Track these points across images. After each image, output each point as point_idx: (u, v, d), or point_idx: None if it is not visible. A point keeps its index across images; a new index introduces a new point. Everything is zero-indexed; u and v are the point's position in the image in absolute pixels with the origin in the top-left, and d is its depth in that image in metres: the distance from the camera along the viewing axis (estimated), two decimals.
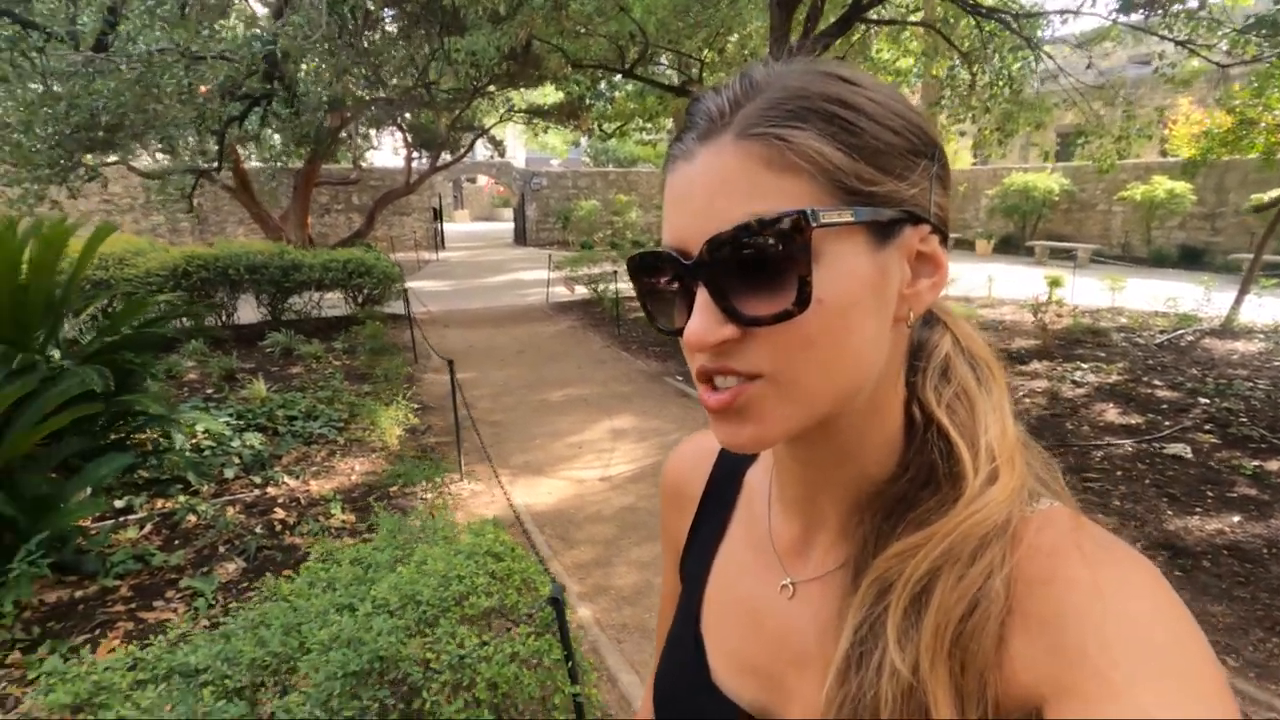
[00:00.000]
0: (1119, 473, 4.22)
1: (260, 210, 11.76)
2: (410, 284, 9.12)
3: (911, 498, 0.44)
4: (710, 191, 0.41)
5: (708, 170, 0.41)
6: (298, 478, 4.27)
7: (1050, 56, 8.52)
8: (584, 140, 22.96)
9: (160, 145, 6.43)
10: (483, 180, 30.09)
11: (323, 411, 5.31)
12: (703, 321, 0.41)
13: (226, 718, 1.50)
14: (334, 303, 8.83)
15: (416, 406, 5.57)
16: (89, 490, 3.33)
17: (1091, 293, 9.89)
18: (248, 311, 8.30)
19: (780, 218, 0.38)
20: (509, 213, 28.44)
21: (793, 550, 0.52)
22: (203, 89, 5.91)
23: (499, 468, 4.55)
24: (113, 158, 6.74)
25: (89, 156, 5.64)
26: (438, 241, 19.41)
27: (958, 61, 10.02)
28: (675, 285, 0.44)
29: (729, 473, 0.61)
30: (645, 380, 6.77)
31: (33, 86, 5.11)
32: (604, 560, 3.43)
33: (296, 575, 2.41)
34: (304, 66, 5.05)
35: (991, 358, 0.48)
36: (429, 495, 4.02)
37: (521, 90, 13.73)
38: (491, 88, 11.96)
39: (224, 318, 8.13)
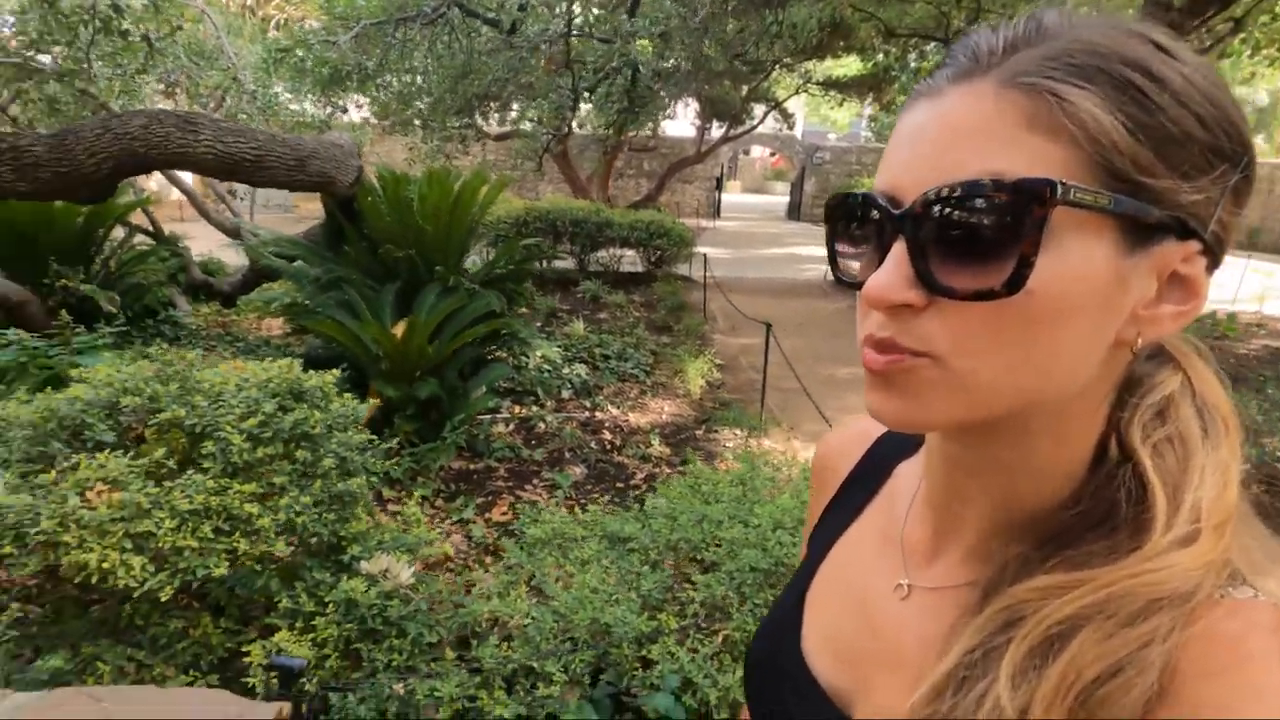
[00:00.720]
0: None
1: (573, 172, 13.25)
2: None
3: (1076, 534, 0.39)
4: (948, 137, 0.36)
5: (952, 113, 0.36)
6: (618, 408, 4.91)
7: None
8: (865, 114, 21.81)
9: (535, 110, 7.61)
10: (757, 152, 30.25)
11: (631, 354, 5.98)
12: (889, 277, 0.37)
13: (655, 578, 1.87)
14: (631, 260, 9.73)
15: (720, 363, 6.01)
16: (483, 389, 4.21)
17: None
18: (559, 261, 9.52)
19: (1020, 181, 0.33)
20: (780, 185, 28.29)
21: (920, 553, 0.50)
22: (545, 62, 6.85)
23: (792, 432, 4.74)
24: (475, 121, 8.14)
25: (478, 119, 6.85)
26: (715, 210, 20.14)
27: None
28: (871, 234, 0.40)
29: (881, 460, 0.59)
30: None
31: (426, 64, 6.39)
32: None
33: (643, 488, 2.84)
34: (652, 44, 5.64)
35: (1230, 412, 0.41)
36: (731, 443, 4.36)
37: (815, 62, 13.49)
38: (788, 59, 11.95)
39: (545, 264, 9.42)
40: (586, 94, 7.06)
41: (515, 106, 9.58)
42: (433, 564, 2.87)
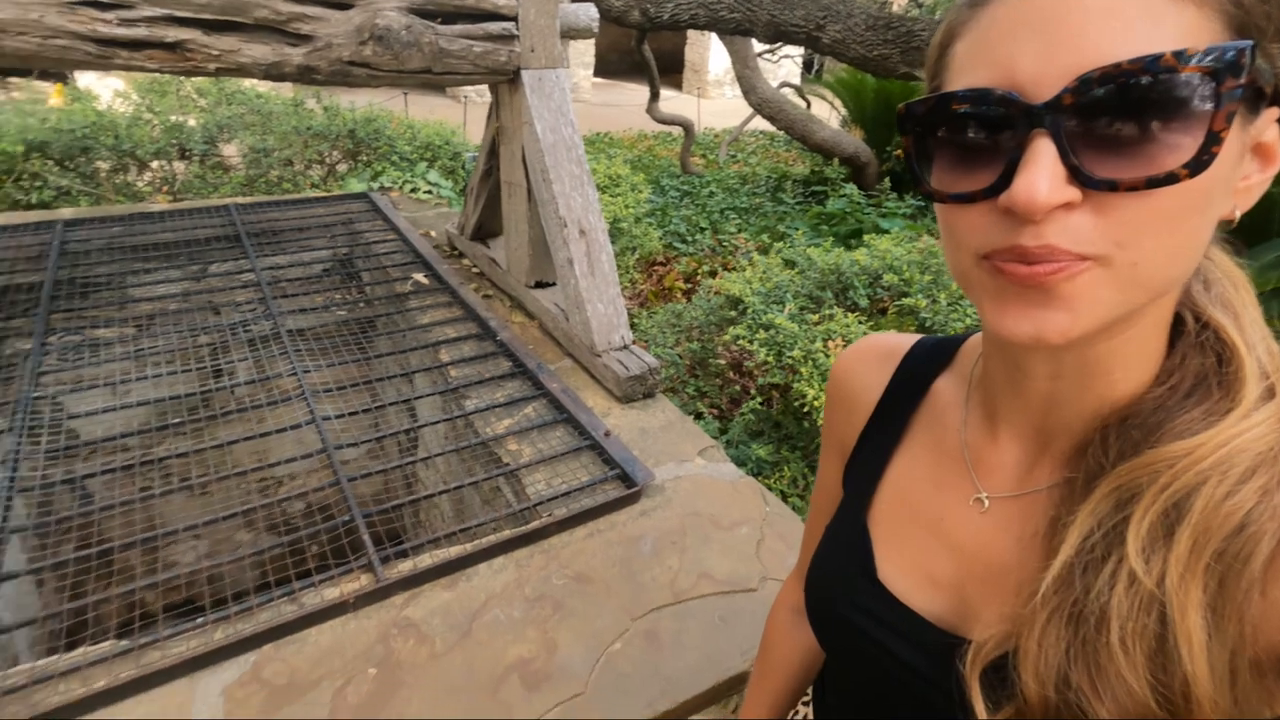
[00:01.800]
0: None
1: None
2: None
3: (1172, 407, 0.38)
4: (1088, 16, 0.31)
5: None
6: None
7: None
8: None
9: None
10: None
11: None
12: (1046, 177, 0.32)
13: None
14: None
15: None
16: None
17: None
18: None
19: (1217, 51, 0.29)
20: None
21: (992, 465, 0.47)
22: None
23: None
24: None
25: None
26: None
27: None
28: (985, 137, 0.35)
29: (914, 380, 0.55)
30: None
31: None
32: None
33: None
34: None
35: (1239, 271, 0.41)
36: None
37: None
38: None
39: None
40: None
41: None
42: None
